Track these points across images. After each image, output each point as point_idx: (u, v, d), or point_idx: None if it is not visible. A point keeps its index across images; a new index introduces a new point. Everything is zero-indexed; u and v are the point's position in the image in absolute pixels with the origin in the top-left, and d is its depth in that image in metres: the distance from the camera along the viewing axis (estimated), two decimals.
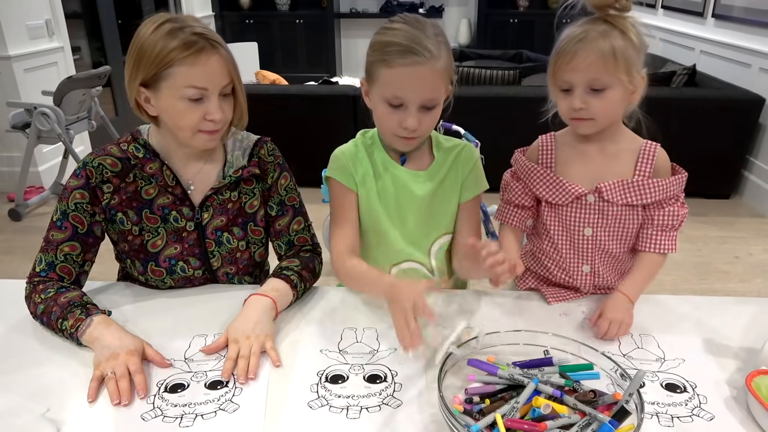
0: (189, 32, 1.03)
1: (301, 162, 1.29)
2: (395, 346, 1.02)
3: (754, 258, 2.87)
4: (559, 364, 0.90)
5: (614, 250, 1.19)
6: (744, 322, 1.10)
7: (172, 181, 1.15)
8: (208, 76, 1.04)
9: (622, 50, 1.03)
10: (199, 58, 1.03)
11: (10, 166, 3.63)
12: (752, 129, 3.36)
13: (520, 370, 0.88)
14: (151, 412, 0.88)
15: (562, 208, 1.17)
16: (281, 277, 1.15)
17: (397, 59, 1.02)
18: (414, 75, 1.03)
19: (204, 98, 1.05)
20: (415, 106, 1.06)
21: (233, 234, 1.21)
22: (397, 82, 1.04)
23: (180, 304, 1.17)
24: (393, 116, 1.08)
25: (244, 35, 6.41)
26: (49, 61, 3.69)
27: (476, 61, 5.27)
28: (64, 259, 1.11)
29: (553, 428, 0.77)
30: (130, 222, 1.15)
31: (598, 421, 0.77)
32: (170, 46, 1.01)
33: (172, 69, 1.02)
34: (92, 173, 1.11)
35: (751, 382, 0.87)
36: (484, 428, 0.76)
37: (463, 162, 1.22)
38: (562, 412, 0.79)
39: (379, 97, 1.08)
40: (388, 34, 1.06)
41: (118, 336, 0.98)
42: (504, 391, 0.86)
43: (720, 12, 3.92)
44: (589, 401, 0.81)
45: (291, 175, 1.25)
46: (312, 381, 0.94)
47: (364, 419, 0.86)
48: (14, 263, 2.81)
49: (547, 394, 0.83)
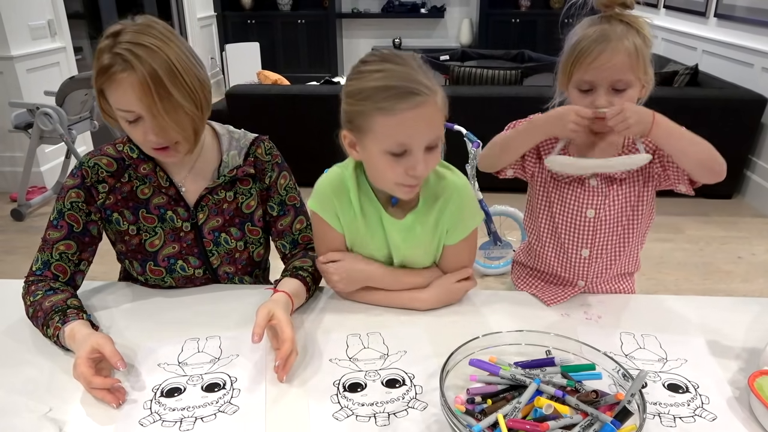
0: (117, 48, 0.98)
1: (302, 162, 1.29)
2: (405, 348, 1.02)
3: (756, 258, 2.87)
4: (561, 365, 0.89)
5: (615, 235, 1.19)
6: (746, 322, 1.10)
7: (165, 182, 1.15)
8: (128, 98, 0.99)
9: (641, 49, 1.04)
10: (117, 80, 0.98)
11: (13, 166, 3.64)
12: (755, 129, 3.36)
13: (522, 370, 0.88)
14: (149, 417, 0.87)
15: (566, 188, 1.18)
16: (298, 278, 1.14)
17: (398, 104, 0.92)
18: (419, 117, 0.93)
19: (140, 120, 1.02)
20: (422, 150, 0.96)
21: (231, 234, 1.20)
22: (401, 129, 0.93)
23: (177, 305, 1.16)
24: (398, 166, 0.97)
25: (246, 35, 6.41)
26: (51, 62, 3.69)
27: (478, 61, 5.26)
28: (59, 258, 1.11)
29: (555, 428, 0.76)
30: (126, 222, 1.15)
31: (600, 421, 0.77)
32: (98, 66, 0.98)
33: (105, 90, 1.01)
34: (88, 173, 1.12)
35: (754, 383, 0.86)
36: (486, 428, 0.76)
37: (449, 212, 1.10)
38: (564, 412, 0.79)
39: (376, 149, 0.97)
40: (373, 77, 0.94)
41: (76, 347, 0.95)
42: (506, 392, 0.85)
43: (722, 12, 3.91)
44: (591, 401, 0.81)
45: (290, 174, 1.24)
46: (330, 392, 0.92)
47: (393, 425, 0.85)
48: (16, 263, 2.82)
49: (549, 395, 0.82)
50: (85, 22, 4.47)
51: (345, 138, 1.02)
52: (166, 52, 0.99)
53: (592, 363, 0.89)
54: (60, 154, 3.68)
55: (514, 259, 1.39)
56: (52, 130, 3.16)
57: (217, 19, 6.43)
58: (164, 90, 0.98)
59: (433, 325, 1.09)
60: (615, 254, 1.21)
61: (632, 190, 1.16)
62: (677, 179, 1.13)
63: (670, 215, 3.21)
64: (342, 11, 6.60)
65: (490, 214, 2.57)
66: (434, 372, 0.95)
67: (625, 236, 1.20)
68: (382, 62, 0.96)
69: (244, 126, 1.27)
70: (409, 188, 1.02)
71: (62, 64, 3.79)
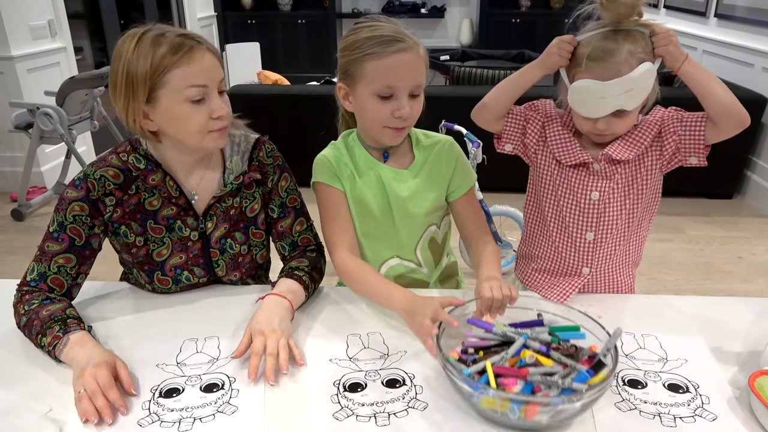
0: (173, 35, 1.00)
1: (302, 162, 1.29)
2: (405, 348, 1.02)
3: (756, 258, 2.87)
4: (549, 326, 0.98)
5: (620, 218, 1.19)
6: (747, 322, 1.10)
7: (175, 191, 1.13)
8: (206, 73, 1.03)
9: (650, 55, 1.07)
10: (193, 57, 1.01)
11: (13, 166, 3.64)
12: (755, 129, 3.37)
13: (513, 329, 0.96)
14: (148, 418, 0.87)
15: (571, 171, 1.19)
16: (294, 277, 1.14)
17: (386, 49, 1.06)
18: (403, 61, 1.07)
19: (206, 97, 1.04)
20: (406, 94, 1.09)
21: (235, 239, 1.19)
22: (388, 71, 1.07)
23: (175, 305, 1.16)
24: (384, 108, 1.09)
25: (246, 35, 6.41)
26: (51, 62, 3.69)
27: (478, 61, 5.27)
28: (57, 271, 1.08)
29: (536, 374, 0.85)
30: (134, 234, 1.13)
31: (577, 370, 0.86)
32: (160, 53, 0.98)
33: (169, 74, 1.00)
34: (94, 186, 1.08)
35: (754, 383, 0.86)
36: (475, 373, 0.86)
37: (446, 158, 1.22)
38: (547, 364, 0.87)
39: (367, 92, 1.09)
40: (365, 30, 1.08)
41: (88, 353, 0.94)
42: (497, 347, 0.93)
43: (722, 11, 3.91)
44: (571, 355, 0.90)
45: (291, 175, 1.24)
46: (330, 392, 0.92)
47: (393, 425, 0.85)
48: (17, 263, 2.82)
49: (535, 349, 0.90)
50: (85, 22, 4.47)
51: (340, 90, 1.15)
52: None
53: (578, 325, 0.96)
54: (60, 154, 3.68)
55: (518, 253, 1.39)
56: (52, 130, 3.16)
57: (218, 19, 6.43)
58: (222, 63, 1.06)
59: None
60: (619, 238, 1.22)
61: (637, 171, 1.17)
62: (692, 149, 1.12)
63: (670, 215, 3.21)
64: (342, 11, 6.60)
65: (490, 214, 2.57)
66: (435, 371, 0.96)
67: (629, 219, 1.20)
68: (373, 21, 1.11)
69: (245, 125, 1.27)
70: (395, 131, 1.13)
71: (62, 64, 3.79)
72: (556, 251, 1.25)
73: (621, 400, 0.90)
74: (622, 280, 1.28)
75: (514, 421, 0.82)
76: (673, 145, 1.14)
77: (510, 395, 0.81)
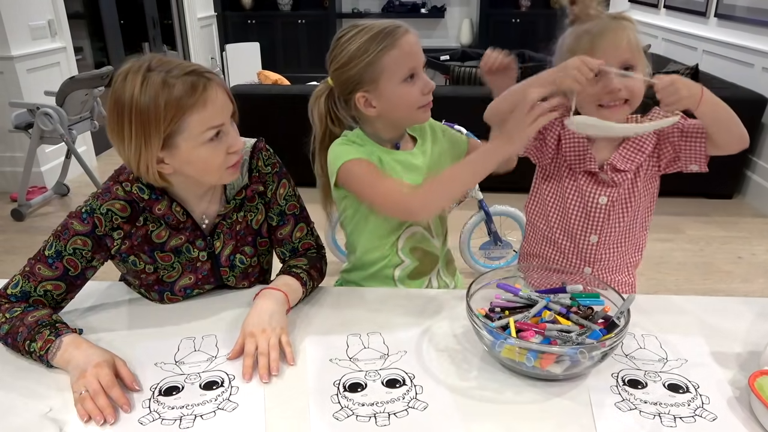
0: (180, 73, 0.95)
1: (302, 162, 1.28)
2: (405, 348, 1.02)
3: (756, 258, 2.87)
4: (572, 292, 1.05)
5: (624, 221, 1.20)
6: (747, 322, 1.10)
7: (182, 216, 1.10)
8: (221, 112, 1.00)
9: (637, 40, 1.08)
10: (208, 98, 0.97)
11: (13, 166, 3.64)
12: (755, 129, 3.37)
13: (537, 293, 1.04)
14: (149, 416, 0.87)
15: (581, 175, 1.19)
16: (291, 274, 1.14)
17: (394, 38, 1.09)
18: (412, 42, 1.12)
19: (221, 133, 1.01)
20: (423, 71, 1.14)
21: (245, 254, 1.19)
22: (406, 55, 1.11)
23: (174, 305, 1.16)
24: (414, 90, 1.13)
25: (246, 35, 6.41)
26: (51, 62, 3.70)
27: (478, 61, 5.24)
28: (42, 294, 1.05)
29: (553, 330, 0.94)
30: (143, 263, 1.11)
31: (591, 329, 0.94)
32: (176, 95, 0.93)
33: (187, 119, 0.95)
34: (101, 221, 1.04)
35: (754, 383, 0.86)
36: (498, 328, 0.94)
37: (439, 131, 1.30)
38: (565, 324, 0.95)
39: (394, 83, 1.12)
40: (359, 36, 1.11)
41: (85, 354, 0.93)
42: (522, 308, 1.01)
43: (723, 11, 3.91)
44: (588, 316, 0.99)
45: (289, 180, 1.22)
46: (330, 392, 0.92)
47: (394, 425, 0.85)
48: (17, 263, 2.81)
49: (555, 311, 0.99)
50: (85, 22, 4.47)
51: (360, 100, 1.15)
52: None
53: (597, 293, 1.04)
54: (60, 154, 3.69)
55: (520, 251, 1.39)
56: (52, 130, 3.16)
57: (218, 19, 6.44)
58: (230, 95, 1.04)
59: (434, 325, 1.09)
60: (622, 240, 1.23)
61: (645, 175, 1.18)
62: (693, 159, 1.12)
63: (670, 215, 3.20)
64: (342, 11, 6.61)
65: (490, 214, 2.57)
66: (434, 372, 0.96)
67: (632, 222, 1.21)
68: (356, 27, 1.13)
69: (245, 126, 1.26)
70: (426, 107, 1.17)
71: (62, 64, 3.80)
72: (559, 251, 1.26)
73: (621, 400, 0.89)
74: (624, 280, 1.28)
75: (530, 370, 0.91)
76: (672, 153, 1.15)
77: (527, 344, 0.89)
